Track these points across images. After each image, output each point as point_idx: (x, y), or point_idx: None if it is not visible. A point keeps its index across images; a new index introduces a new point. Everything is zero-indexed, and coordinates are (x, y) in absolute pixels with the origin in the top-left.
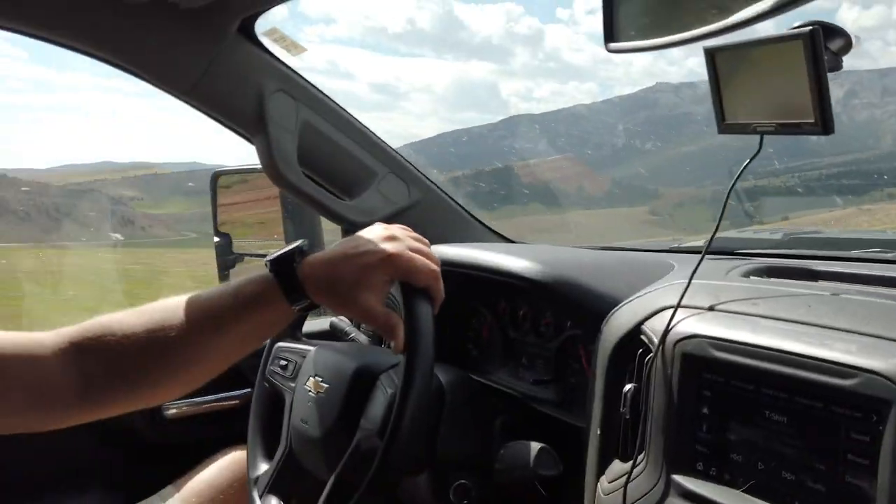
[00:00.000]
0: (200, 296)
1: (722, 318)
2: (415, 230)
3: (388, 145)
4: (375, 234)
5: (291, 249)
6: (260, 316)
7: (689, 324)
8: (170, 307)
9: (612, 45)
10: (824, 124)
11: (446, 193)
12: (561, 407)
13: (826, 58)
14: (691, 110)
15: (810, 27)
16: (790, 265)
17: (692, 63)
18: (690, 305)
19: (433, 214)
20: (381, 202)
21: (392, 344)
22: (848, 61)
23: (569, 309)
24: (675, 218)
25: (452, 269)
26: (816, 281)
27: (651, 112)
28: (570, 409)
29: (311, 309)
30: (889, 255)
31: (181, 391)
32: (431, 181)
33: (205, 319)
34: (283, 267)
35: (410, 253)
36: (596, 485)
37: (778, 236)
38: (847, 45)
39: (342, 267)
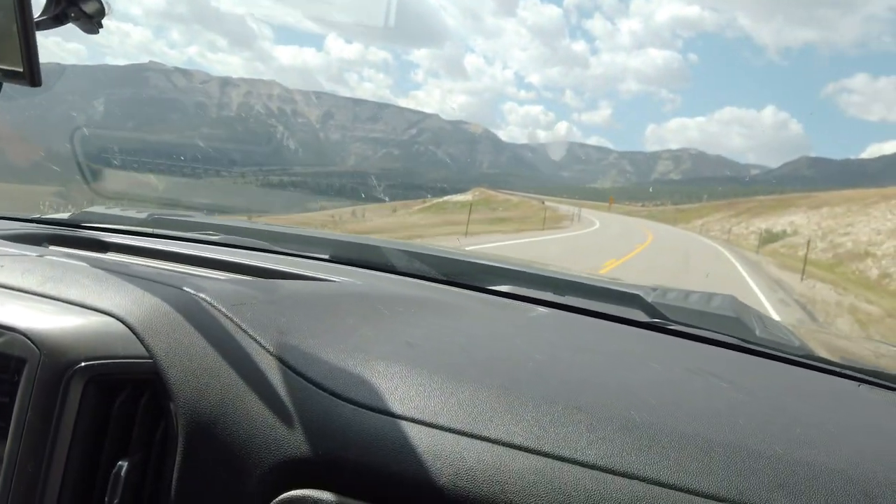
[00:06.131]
0: None
1: None
2: None
3: None
4: None
5: None
6: None
7: None
8: None
9: None
10: (31, 78)
11: None
12: None
13: (81, 20)
14: (179, 97)
15: None
16: (82, 235)
17: (193, 51)
18: None
19: None
20: None
21: None
22: (329, 86)
23: None
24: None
25: None
26: (105, 252)
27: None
28: None
29: None
30: (216, 238)
31: None
32: None
33: None
34: None
35: None
36: None
37: (143, 216)
38: (101, 11)
39: None
